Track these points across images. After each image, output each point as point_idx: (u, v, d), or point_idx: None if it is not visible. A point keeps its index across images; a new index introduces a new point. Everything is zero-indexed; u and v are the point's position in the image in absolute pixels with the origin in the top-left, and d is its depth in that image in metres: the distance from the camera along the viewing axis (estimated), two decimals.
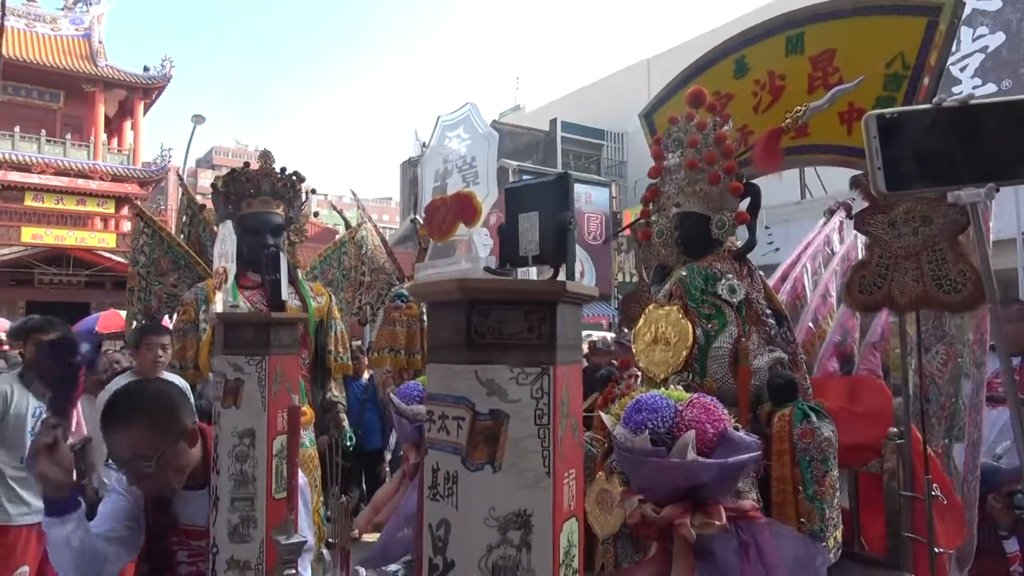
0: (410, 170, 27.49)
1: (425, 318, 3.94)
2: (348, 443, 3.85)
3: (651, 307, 2.37)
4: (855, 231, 2.53)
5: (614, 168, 25.87)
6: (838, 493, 2.06)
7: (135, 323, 4.02)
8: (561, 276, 1.12)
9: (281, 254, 1.96)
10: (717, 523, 1.63)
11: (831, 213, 4.06)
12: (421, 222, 3.94)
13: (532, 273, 1.12)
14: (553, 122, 25.89)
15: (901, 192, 1.71)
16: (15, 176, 21.30)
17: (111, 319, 12.57)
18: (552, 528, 1.04)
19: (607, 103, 25.83)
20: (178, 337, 3.46)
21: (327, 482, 3.28)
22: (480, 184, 1.11)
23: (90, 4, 28.75)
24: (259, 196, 3.38)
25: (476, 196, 1.07)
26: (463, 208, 1.09)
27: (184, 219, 4.39)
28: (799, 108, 2.26)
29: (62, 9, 28.58)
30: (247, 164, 3.60)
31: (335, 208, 11.00)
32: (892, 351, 2.70)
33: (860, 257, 3.42)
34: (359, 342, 7.56)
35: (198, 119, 20.17)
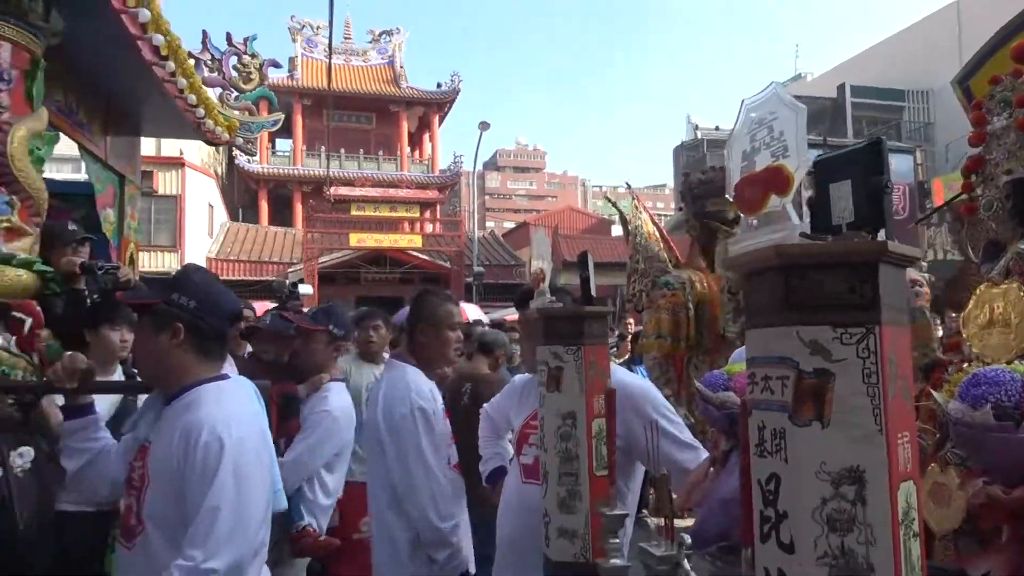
0: (683, 155, 26.98)
1: (691, 306, 4.16)
2: None
3: (983, 286, 2.14)
4: None
5: (918, 132, 22.82)
6: None
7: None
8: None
9: (588, 253, 2.14)
10: None
11: None
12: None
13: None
14: (840, 87, 23.52)
15: None
16: (343, 190, 25.71)
17: None
18: (888, 486, 1.04)
19: (907, 59, 22.80)
20: (670, 315, 4.17)
21: None
22: (790, 156, 1.14)
23: (392, 34, 33.46)
24: (721, 196, 3.95)
25: (787, 167, 1.11)
26: (774, 180, 1.13)
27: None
28: None
29: (370, 42, 33.55)
30: (712, 169, 4.45)
31: (608, 199, 11.40)
32: None
33: None
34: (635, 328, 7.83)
35: (484, 125, 22.05)
